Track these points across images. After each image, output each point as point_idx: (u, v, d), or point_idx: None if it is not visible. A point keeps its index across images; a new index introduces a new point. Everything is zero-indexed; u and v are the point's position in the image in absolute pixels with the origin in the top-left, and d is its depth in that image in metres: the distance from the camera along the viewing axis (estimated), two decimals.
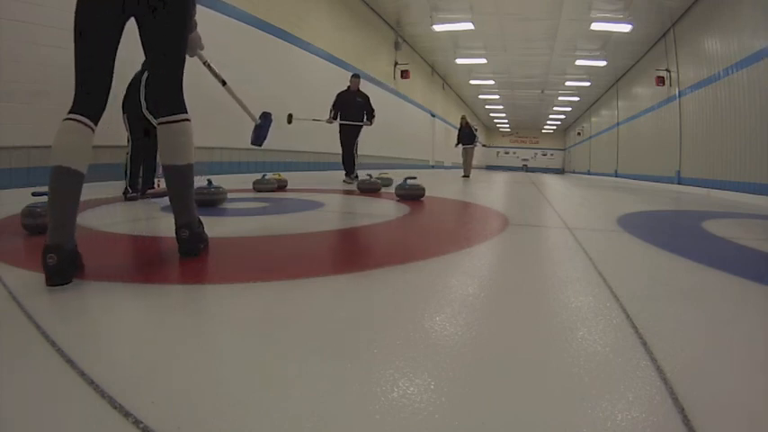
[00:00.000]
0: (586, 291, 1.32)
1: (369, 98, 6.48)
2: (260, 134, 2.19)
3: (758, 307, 1.26)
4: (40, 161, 3.30)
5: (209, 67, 1.88)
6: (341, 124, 6.34)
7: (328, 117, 6.31)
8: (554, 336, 0.97)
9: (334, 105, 6.36)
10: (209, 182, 3.03)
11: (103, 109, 1.33)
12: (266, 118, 2.20)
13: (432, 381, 0.74)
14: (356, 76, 6.49)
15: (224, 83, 2.03)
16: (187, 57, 1.56)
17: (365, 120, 6.41)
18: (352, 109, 6.33)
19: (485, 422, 0.63)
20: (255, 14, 5.89)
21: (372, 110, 6.44)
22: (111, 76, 1.34)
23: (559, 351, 0.88)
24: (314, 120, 6.11)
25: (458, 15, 9.96)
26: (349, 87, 6.44)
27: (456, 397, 0.70)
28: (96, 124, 1.29)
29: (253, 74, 5.75)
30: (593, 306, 1.17)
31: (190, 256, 1.48)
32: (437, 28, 10.71)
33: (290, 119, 5.53)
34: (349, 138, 6.40)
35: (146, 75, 3.38)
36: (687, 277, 1.59)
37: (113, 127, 3.43)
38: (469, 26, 10.35)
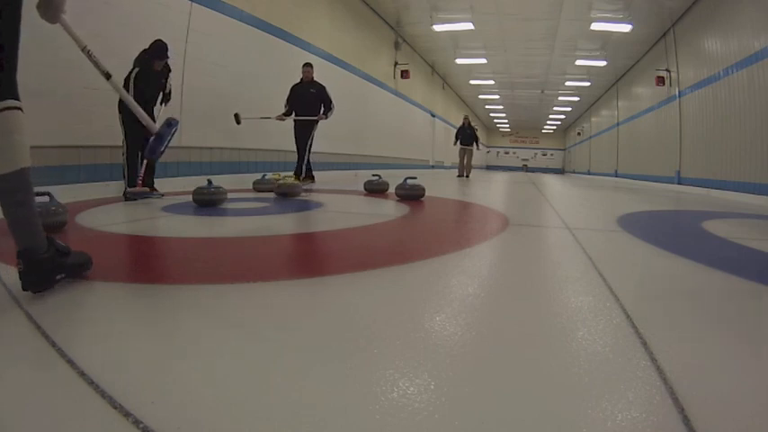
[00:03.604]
0: (586, 291, 1.32)
1: (324, 88, 5.60)
2: (155, 146, 1.75)
3: (758, 307, 1.26)
4: (39, 161, 3.30)
5: (68, 29, 1.40)
6: (294, 121, 5.58)
7: (279, 114, 5.52)
8: (554, 336, 0.97)
9: (287, 100, 5.60)
10: (210, 182, 3.03)
11: None
12: (170, 126, 1.76)
13: (432, 381, 0.74)
14: (308, 65, 5.66)
15: (108, 76, 1.55)
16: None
17: (321, 113, 5.55)
18: (304, 103, 5.53)
19: (485, 422, 0.63)
20: (255, 14, 5.89)
21: (330, 101, 5.56)
22: None
23: (559, 351, 0.89)
24: (261, 118, 5.32)
25: (458, 15, 9.95)
26: (302, 79, 5.64)
27: (456, 397, 0.70)
28: None
29: (252, 74, 5.75)
30: (593, 306, 1.17)
31: (35, 292, 1.11)
32: (437, 28, 10.71)
33: (237, 119, 4.92)
34: (301, 136, 5.59)
35: (135, 71, 3.39)
36: (687, 277, 1.59)
37: (112, 127, 3.44)
38: (469, 26, 10.35)
